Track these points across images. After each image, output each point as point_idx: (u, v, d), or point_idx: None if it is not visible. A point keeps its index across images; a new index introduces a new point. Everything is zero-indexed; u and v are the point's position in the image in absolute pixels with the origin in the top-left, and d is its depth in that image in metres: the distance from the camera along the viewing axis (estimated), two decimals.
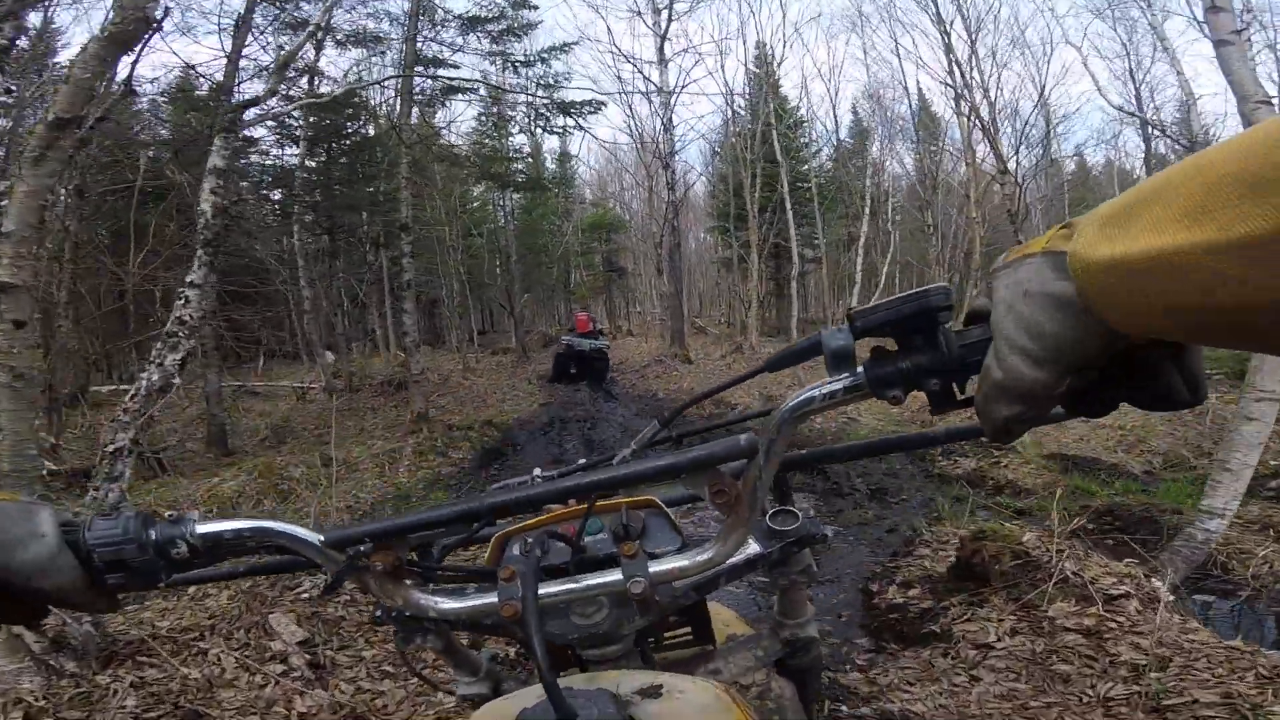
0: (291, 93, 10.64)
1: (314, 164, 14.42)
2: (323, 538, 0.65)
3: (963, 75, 12.56)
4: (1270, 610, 3.59)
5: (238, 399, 11.40)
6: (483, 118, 19.79)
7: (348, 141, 14.74)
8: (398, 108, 10.60)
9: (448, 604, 0.71)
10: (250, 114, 5.58)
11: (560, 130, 14.26)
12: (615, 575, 0.69)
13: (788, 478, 0.83)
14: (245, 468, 6.42)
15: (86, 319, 10.58)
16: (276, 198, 14.94)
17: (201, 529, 0.61)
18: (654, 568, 0.69)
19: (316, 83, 11.83)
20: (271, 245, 13.29)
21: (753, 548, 0.73)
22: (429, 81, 12.41)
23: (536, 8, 13.79)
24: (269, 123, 12.71)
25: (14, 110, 8.01)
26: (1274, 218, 0.29)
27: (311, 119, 13.38)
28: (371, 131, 14.82)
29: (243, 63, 6.67)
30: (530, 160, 23.30)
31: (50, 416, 7.44)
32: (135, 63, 3.55)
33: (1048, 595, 3.18)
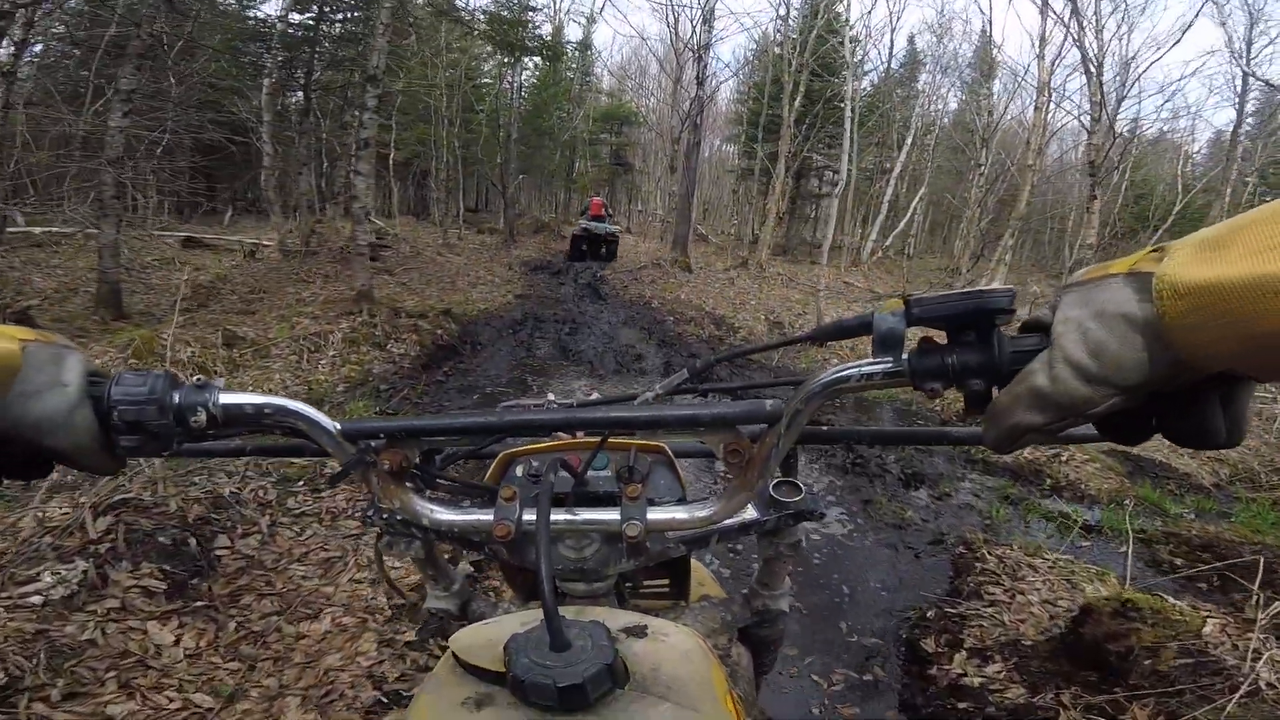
0: None
1: (299, 18, 12.93)
2: (339, 426, 0.63)
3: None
4: None
5: (175, 253, 9.92)
6: None
7: None
8: None
9: (442, 514, 0.70)
10: None
11: None
12: (613, 514, 0.69)
13: (797, 450, 0.74)
14: (122, 340, 4.97)
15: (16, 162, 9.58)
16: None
17: (224, 399, 0.58)
18: (652, 514, 0.69)
19: None
20: (246, 100, 11.99)
21: (750, 513, 0.72)
22: None
23: None
24: None
25: None
26: None
27: None
28: None
29: None
30: (550, 29, 20.91)
31: None
32: None
33: (1228, 716, 2.04)
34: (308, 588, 2.56)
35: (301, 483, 3.24)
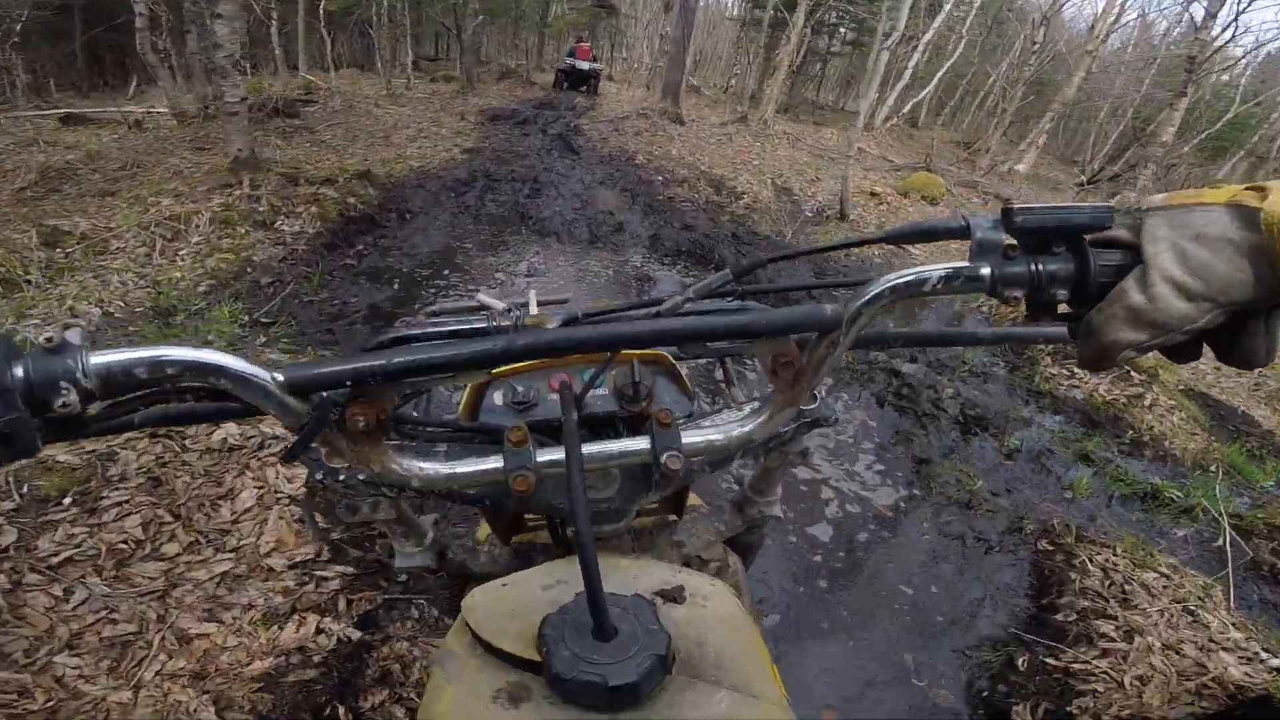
0: None
1: None
2: (280, 376, 0.45)
3: None
4: None
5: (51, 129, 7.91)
6: None
7: None
8: None
9: (435, 469, 0.56)
10: None
11: None
12: (640, 444, 0.58)
13: None
14: None
15: None
16: None
17: (96, 360, 0.40)
18: (688, 440, 0.58)
19: None
20: None
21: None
22: None
23: None
24: None
25: None
26: None
27: None
28: None
29: None
30: None
31: None
32: None
33: None
34: (90, 696, 1.49)
35: (70, 500, 1.96)
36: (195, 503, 2.09)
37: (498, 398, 0.68)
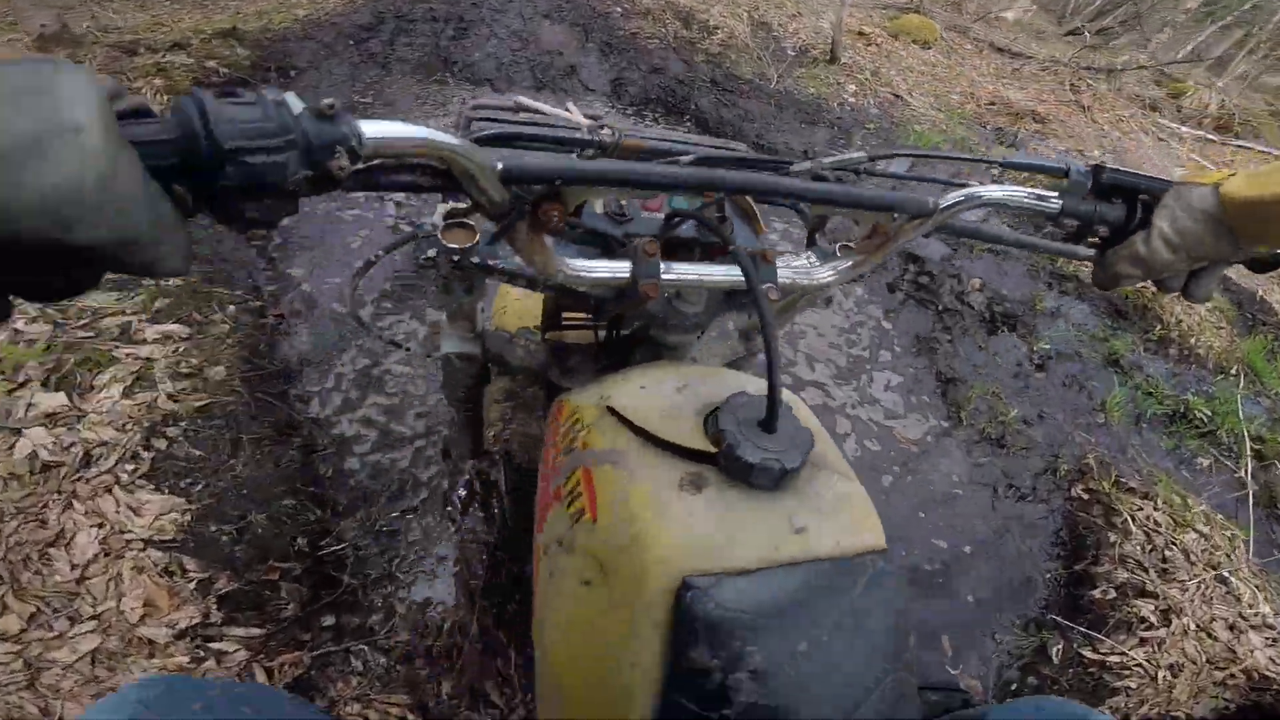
0: None
1: None
2: (500, 165, 0.47)
3: None
4: None
5: None
6: None
7: None
8: None
9: (577, 268, 0.61)
10: None
11: None
12: (736, 271, 0.64)
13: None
14: None
15: None
16: None
17: (369, 131, 0.40)
18: (783, 277, 0.65)
19: None
20: None
21: None
22: None
23: None
24: None
25: None
26: None
27: None
28: None
29: None
30: None
31: None
32: None
33: None
34: None
35: None
36: (18, 556, 1.48)
37: (598, 205, 0.70)
